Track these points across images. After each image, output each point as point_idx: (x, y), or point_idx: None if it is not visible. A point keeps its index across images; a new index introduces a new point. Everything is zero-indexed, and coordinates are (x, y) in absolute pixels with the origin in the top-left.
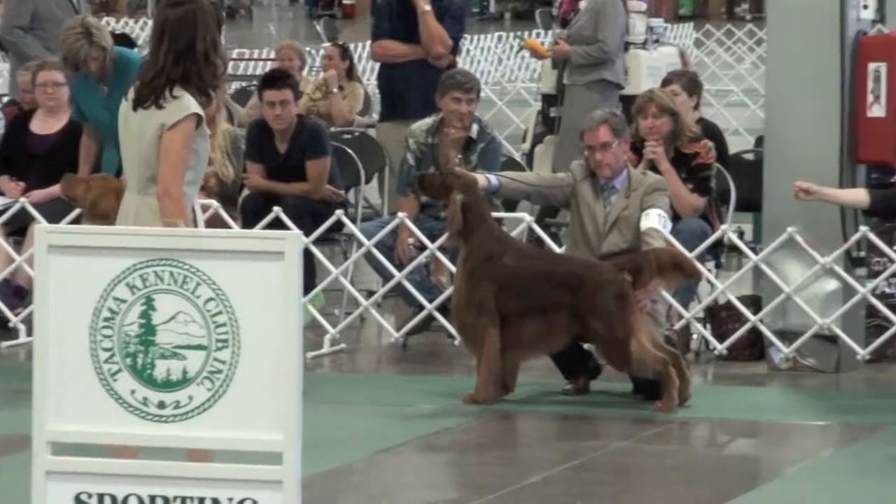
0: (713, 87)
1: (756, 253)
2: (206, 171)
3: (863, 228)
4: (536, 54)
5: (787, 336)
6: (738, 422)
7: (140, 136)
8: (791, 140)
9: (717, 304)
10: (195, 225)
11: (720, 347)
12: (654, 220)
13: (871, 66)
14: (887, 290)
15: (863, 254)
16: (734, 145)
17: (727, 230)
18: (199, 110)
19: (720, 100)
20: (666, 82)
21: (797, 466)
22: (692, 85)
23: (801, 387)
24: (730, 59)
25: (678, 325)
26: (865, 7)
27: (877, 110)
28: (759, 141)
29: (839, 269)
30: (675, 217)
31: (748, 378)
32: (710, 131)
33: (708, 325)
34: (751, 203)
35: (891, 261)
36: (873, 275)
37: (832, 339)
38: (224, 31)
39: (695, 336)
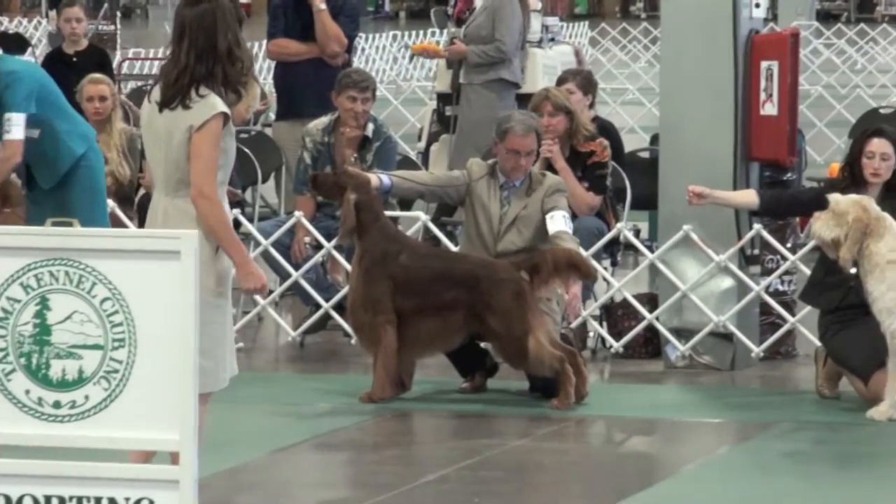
0: (609, 86)
1: (652, 251)
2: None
3: (756, 226)
4: (429, 54)
5: (682, 334)
6: (634, 419)
7: (168, 139)
8: (685, 138)
9: (614, 302)
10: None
11: (616, 345)
12: (562, 223)
13: (764, 64)
14: (780, 288)
15: (757, 251)
16: (630, 143)
17: (623, 228)
18: (226, 109)
19: (616, 98)
20: (561, 81)
21: (693, 464)
22: (587, 83)
23: (696, 384)
24: (625, 58)
25: (575, 323)
26: (757, 6)
27: (769, 108)
28: (655, 139)
29: (734, 267)
30: (572, 215)
31: (644, 376)
32: (606, 130)
33: (604, 323)
34: (647, 201)
35: (784, 258)
36: (767, 272)
37: (727, 337)
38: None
39: (591, 334)
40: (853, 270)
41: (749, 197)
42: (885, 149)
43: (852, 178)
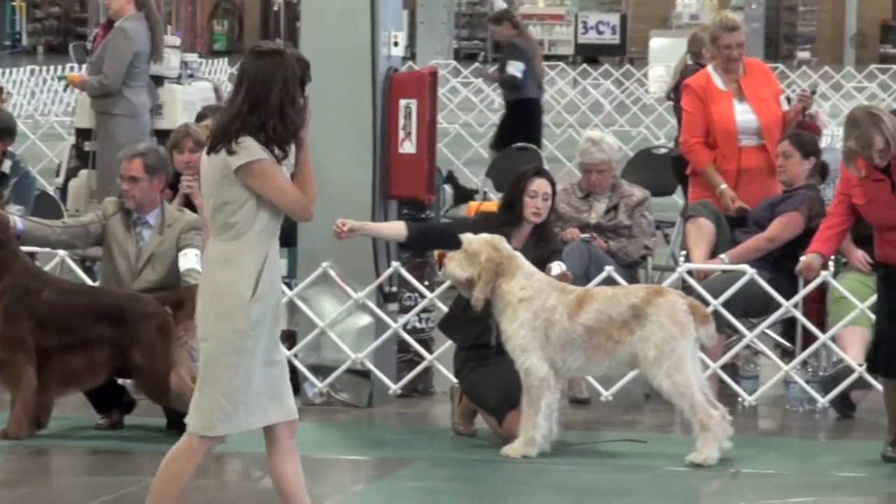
0: None
1: (291, 288)
2: None
3: (395, 264)
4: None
5: (321, 370)
6: None
7: (211, 181)
8: (325, 175)
9: None
10: (262, 267)
11: None
12: (193, 261)
13: (402, 102)
14: (418, 325)
15: (395, 289)
16: None
17: None
18: (265, 156)
19: None
20: (201, 117)
21: (330, 501)
22: None
23: (334, 421)
24: None
25: None
26: (396, 44)
27: (408, 146)
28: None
29: (372, 305)
30: None
31: None
32: None
33: None
34: (286, 238)
35: (422, 296)
36: (405, 310)
37: (365, 374)
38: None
39: None
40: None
41: (398, 228)
42: (546, 189)
43: (511, 216)
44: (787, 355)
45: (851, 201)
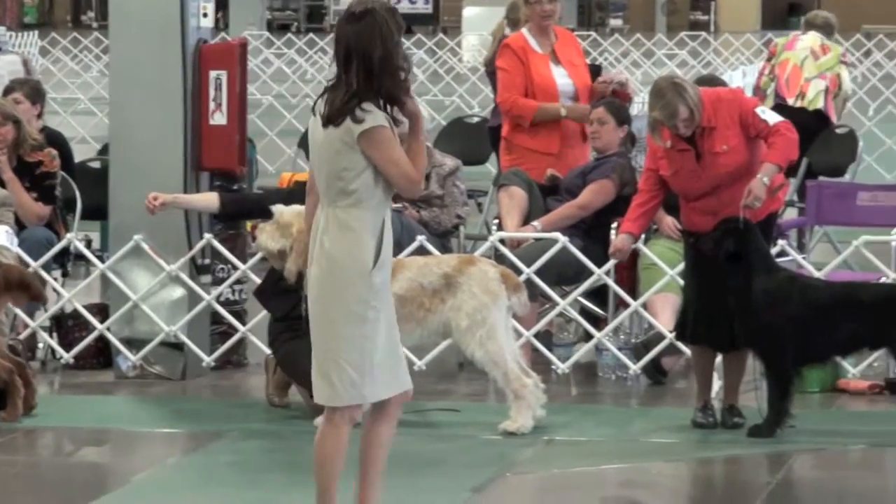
0: (60, 96)
1: (103, 261)
2: None
3: (207, 236)
4: None
5: (134, 344)
6: (85, 430)
7: (329, 150)
8: (136, 147)
9: (64, 313)
10: (382, 233)
11: (67, 356)
12: (2, 237)
13: (213, 73)
14: (231, 297)
15: (207, 261)
16: (81, 153)
17: (73, 238)
18: (386, 124)
19: (67, 108)
20: (8, 90)
21: (143, 474)
22: (35, 93)
23: (148, 394)
24: (76, 67)
25: (24, 334)
26: (205, 15)
27: (219, 118)
28: (106, 149)
29: (185, 277)
30: (21, 226)
31: (96, 386)
32: (54, 139)
33: (55, 334)
34: (98, 211)
35: (234, 268)
36: (218, 282)
37: (178, 347)
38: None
39: (41, 345)
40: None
41: (210, 200)
42: None
43: None
44: (599, 323)
45: (659, 174)
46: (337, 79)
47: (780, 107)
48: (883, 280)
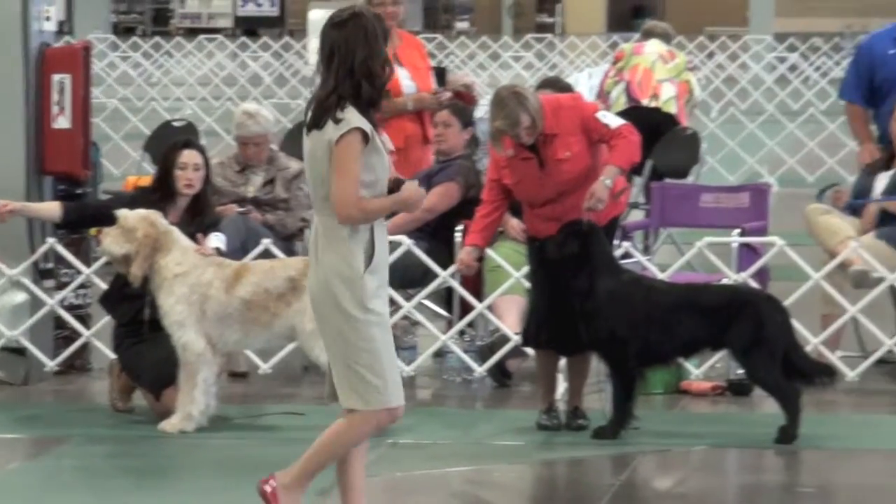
0: None
1: None
2: None
3: (50, 240)
4: None
5: None
6: None
7: (313, 156)
8: None
9: None
10: (372, 237)
11: None
12: None
13: (56, 77)
14: (75, 302)
15: (51, 265)
16: None
17: None
18: (363, 125)
19: None
20: None
21: None
22: None
23: None
24: None
25: None
26: (48, 19)
27: (62, 122)
28: None
29: (27, 281)
30: None
31: None
32: None
33: None
34: None
35: (79, 272)
36: (62, 286)
37: (20, 352)
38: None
39: None
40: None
41: (53, 209)
42: (196, 159)
43: (165, 190)
44: (445, 325)
45: (502, 184)
46: (321, 83)
47: (634, 108)
48: (725, 281)
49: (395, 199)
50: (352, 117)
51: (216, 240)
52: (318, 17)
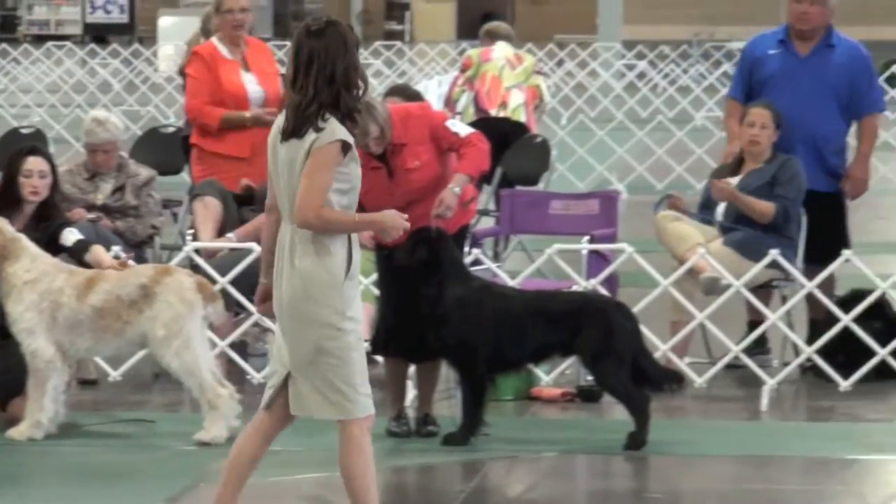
0: None
1: None
2: None
3: None
4: None
5: None
6: None
7: (290, 166)
8: None
9: None
10: (350, 245)
11: None
12: None
13: None
14: None
15: None
16: None
17: None
18: (346, 137)
19: None
20: None
21: None
22: None
23: None
24: None
25: None
26: None
27: None
28: None
29: None
30: None
31: None
32: None
33: None
34: None
35: None
36: None
37: None
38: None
39: None
40: None
41: None
42: (42, 166)
43: (10, 197)
44: None
45: None
46: (296, 91)
47: (483, 119)
48: (574, 288)
49: (370, 220)
50: (335, 128)
51: (71, 234)
52: (168, 23)
